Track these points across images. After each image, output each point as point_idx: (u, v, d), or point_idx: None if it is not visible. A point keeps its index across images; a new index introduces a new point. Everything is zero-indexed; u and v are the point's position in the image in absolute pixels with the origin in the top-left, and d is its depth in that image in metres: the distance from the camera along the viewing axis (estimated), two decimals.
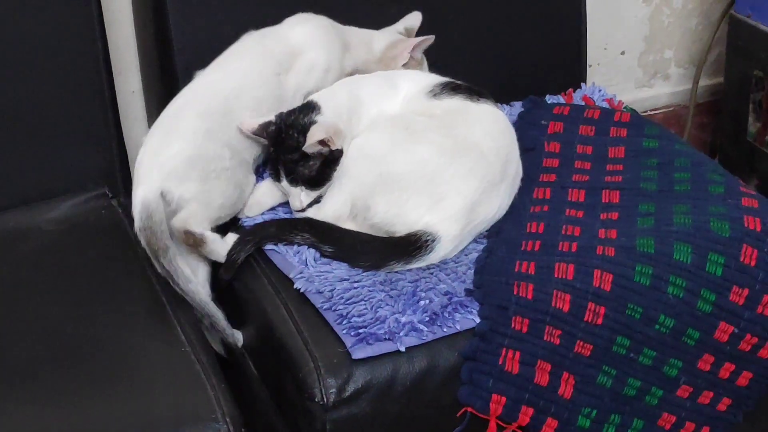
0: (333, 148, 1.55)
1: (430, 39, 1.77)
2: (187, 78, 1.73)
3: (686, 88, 2.55)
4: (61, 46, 1.68)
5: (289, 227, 1.56)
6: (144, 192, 1.52)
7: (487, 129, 1.60)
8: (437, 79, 1.67)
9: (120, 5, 1.91)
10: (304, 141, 1.54)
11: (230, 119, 1.59)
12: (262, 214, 1.64)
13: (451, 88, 1.64)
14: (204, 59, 1.72)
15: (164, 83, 1.80)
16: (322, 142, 1.54)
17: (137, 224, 1.51)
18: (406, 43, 1.77)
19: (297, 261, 1.52)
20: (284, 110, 1.60)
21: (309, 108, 1.59)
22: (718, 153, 2.45)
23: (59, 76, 1.69)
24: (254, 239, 1.55)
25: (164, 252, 1.49)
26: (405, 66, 1.77)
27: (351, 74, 1.73)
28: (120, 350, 1.39)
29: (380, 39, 1.79)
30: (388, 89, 1.66)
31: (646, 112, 2.54)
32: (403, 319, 1.40)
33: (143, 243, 1.51)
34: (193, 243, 1.52)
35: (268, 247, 1.56)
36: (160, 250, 1.49)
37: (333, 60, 1.71)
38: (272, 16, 1.74)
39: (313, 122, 1.56)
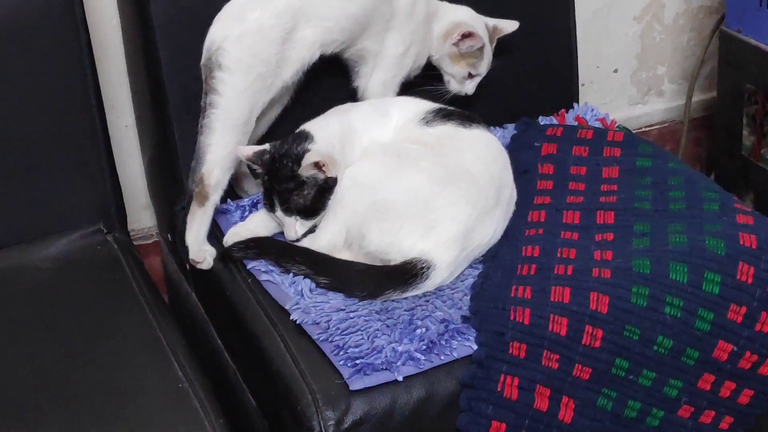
0: (327, 174, 1.56)
1: (480, 41, 1.78)
2: (179, 112, 1.73)
3: (680, 103, 2.55)
4: (52, 84, 1.68)
5: (289, 255, 1.56)
6: (216, 32, 1.60)
7: (480, 155, 1.60)
8: (429, 106, 1.68)
9: (111, 41, 1.92)
10: (299, 169, 1.55)
11: (305, 12, 1.62)
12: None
13: (442, 115, 1.65)
14: (196, 93, 1.73)
15: (156, 118, 1.80)
16: (317, 166, 1.54)
17: (203, 60, 1.62)
18: (462, 28, 1.77)
19: (293, 292, 1.52)
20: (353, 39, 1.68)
21: (302, 137, 1.60)
22: (714, 168, 2.45)
23: (50, 113, 1.69)
24: (256, 250, 1.58)
25: (213, 80, 1.59)
26: (450, 53, 1.79)
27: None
28: (117, 388, 1.38)
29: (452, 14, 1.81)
30: (380, 117, 1.67)
31: (641, 128, 2.55)
32: (400, 348, 1.40)
33: (203, 77, 1.61)
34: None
35: (264, 278, 1.56)
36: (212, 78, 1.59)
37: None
38: None
39: (306, 150, 1.57)
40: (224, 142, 1.61)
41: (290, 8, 1.61)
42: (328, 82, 1.79)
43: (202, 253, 1.65)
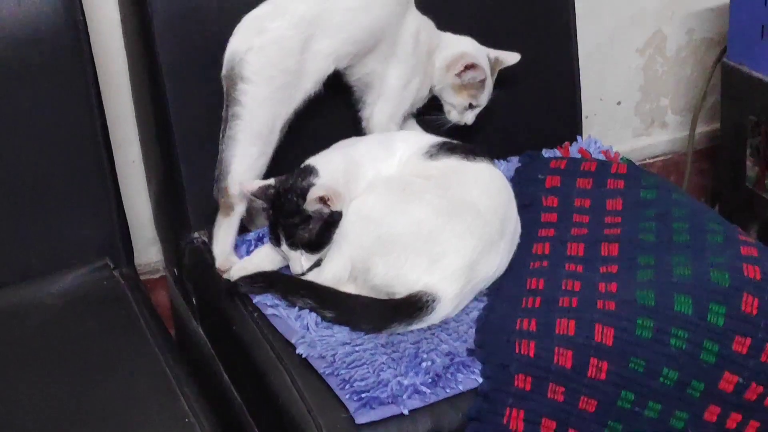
0: (332, 209, 1.57)
1: (483, 73, 1.80)
2: (186, 148, 1.75)
3: (684, 135, 2.56)
4: (60, 120, 1.70)
5: (294, 289, 1.57)
6: (237, 44, 1.62)
7: (484, 188, 1.61)
8: (433, 139, 1.69)
9: (118, 78, 1.94)
10: (304, 204, 1.56)
11: (321, 23, 1.65)
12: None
13: (447, 149, 1.65)
14: (202, 128, 1.74)
15: (163, 153, 1.81)
16: (322, 200, 1.55)
17: (223, 72, 1.64)
18: (465, 59, 1.78)
19: (299, 326, 1.52)
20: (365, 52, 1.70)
21: (307, 172, 1.61)
22: (718, 199, 2.45)
23: (58, 150, 1.70)
24: (264, 284, 1.59)
25: (235, 92, 1.61)
26: (452, 83, 1.80)
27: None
28: (124, 424, 1.39)
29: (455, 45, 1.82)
30: (385, 151, 1.68)
31: (645, 160, 2.55)
32: (406, 382, 1.40)
33: (224, 89, 1.63)
34: None
35: (270, 311, 1.56)
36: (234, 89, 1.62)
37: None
38: None
39: (311, 185, 1.58)
40: (248, 153, 1.64)
41: (307, 18, 1.64)
42: (333, 116, 1.80)
43: (228, 262, 1.68)
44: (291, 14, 1.64)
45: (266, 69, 1.62)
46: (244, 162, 1.64)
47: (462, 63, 1.78)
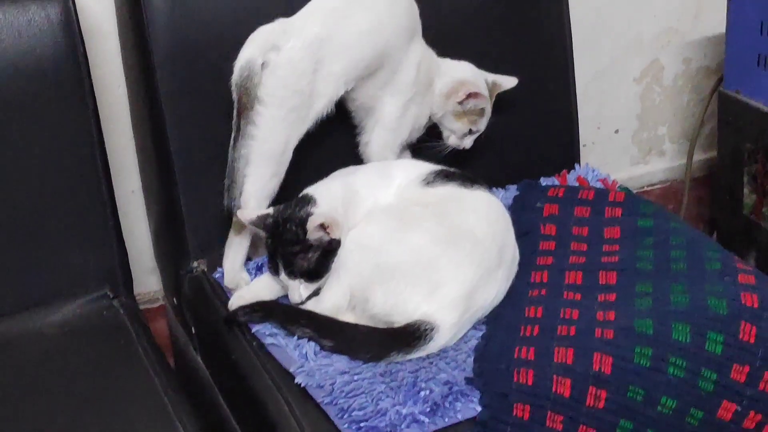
0: (332, 236, 1.57)
1: (484, 100, 1.81)
2: (185, 178, 1.75)
3: (681, 163, 2.57)
4: (59, 151, 1.70)
5: (293, 318, 1.57)
6: (251, 52, 1.61)
7: (482, 215, 1.62)
8: (431, 167, 1.70)
9: (118, 108, 1.95)
10: (303, 233, 1.56)
11: (333, 44, 1.66)
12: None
13: (444, 176, 1.66)
14: (201, 159, 1.75)
15: (162, 183, 1.82)
16: (322, 227, 1.56)
17: (235, 78, 1.62)
18: (467, 87, 1.79)
19: (297, 355, 1.52)
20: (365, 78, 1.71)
21: (305, 201, 1.62)
22: (716, 227, 2.46)
23: (58, 179, 1.71)
24: (262, 314, 1.59)
25: (248, 110, 1.60)
26: (453, 110, 1.81)
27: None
28: None
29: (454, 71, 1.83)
30: (383, 179, 1.68)
31: (644, 188, 2.56)
32: (404, 411, 1.40)
33: (234, 96, 1.62)
34: None
35: (269, 341, 1.56)
36: (248, 104, 1.61)
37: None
38: None
39: (310, 214, 1.58)
40: (260, 174, 1.65)
41: (320, 39, 1.65)
42: (332, 143, 1.81)
43: (236, 280, 1.69)
44: (305, 35, 1.64)
45: (280, 90, 1.63)
46: (258, 182, 1.65)
47: (464, 91, 1.79)
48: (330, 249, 1.58)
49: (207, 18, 1.73)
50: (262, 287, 1.66)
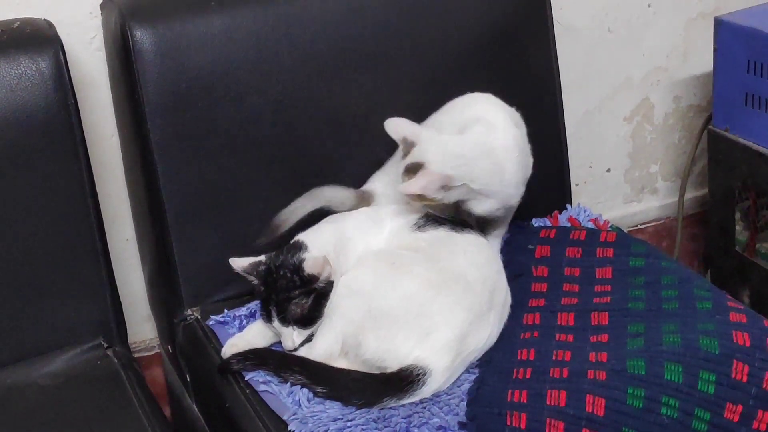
0: (329, 277, 1.58)
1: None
2: (178, 226, 1.76)
3: (674, 200, 2.57)
4: (52, 200, 1.71)
5: (286, 365, 1.57)
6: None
7: (473, 259, 1.62)
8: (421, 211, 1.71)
9: (110, 157, 1.96)
10: (298, 279, 1.58)
11: None
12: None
13: (435, 220, 1.67)
14: (194, 207, 1.76)
15: (155, 231, 1.83)
16: (317, 266, 1.57)
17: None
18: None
19: (291, 402, 1.52)
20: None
21: (296, 247, 1.63)
22: (710, 264, 2.46)
23: (50, 229, 1.71)
24: (255, 361, 1.58)
25: None
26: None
27: None
28: None
29: None
30: (374, 224, 1.69)
31: (637, 226, 2.57)
32: None
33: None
34: None
35: (262, 388, 1.57)
36: None
37: None
38: (263, 167, 1.80)
39: (302, 260, 1.59)
40: None
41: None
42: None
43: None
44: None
45: None
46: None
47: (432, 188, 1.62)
48: (323, 293, 1.58)
49: (196, 68, 1.74)
50: (255, 334, 1.66)
